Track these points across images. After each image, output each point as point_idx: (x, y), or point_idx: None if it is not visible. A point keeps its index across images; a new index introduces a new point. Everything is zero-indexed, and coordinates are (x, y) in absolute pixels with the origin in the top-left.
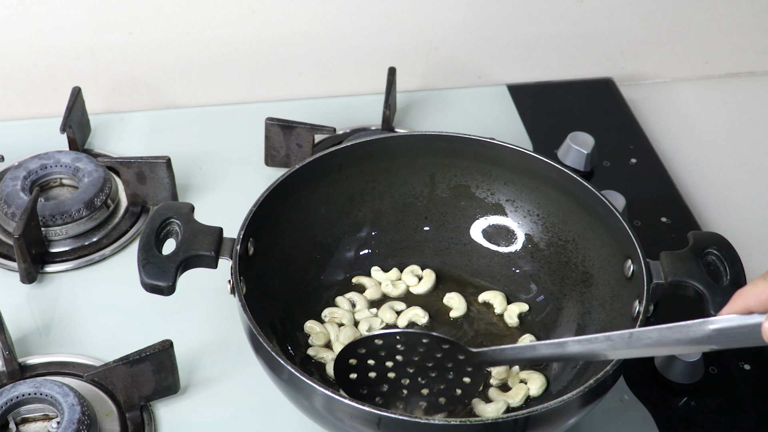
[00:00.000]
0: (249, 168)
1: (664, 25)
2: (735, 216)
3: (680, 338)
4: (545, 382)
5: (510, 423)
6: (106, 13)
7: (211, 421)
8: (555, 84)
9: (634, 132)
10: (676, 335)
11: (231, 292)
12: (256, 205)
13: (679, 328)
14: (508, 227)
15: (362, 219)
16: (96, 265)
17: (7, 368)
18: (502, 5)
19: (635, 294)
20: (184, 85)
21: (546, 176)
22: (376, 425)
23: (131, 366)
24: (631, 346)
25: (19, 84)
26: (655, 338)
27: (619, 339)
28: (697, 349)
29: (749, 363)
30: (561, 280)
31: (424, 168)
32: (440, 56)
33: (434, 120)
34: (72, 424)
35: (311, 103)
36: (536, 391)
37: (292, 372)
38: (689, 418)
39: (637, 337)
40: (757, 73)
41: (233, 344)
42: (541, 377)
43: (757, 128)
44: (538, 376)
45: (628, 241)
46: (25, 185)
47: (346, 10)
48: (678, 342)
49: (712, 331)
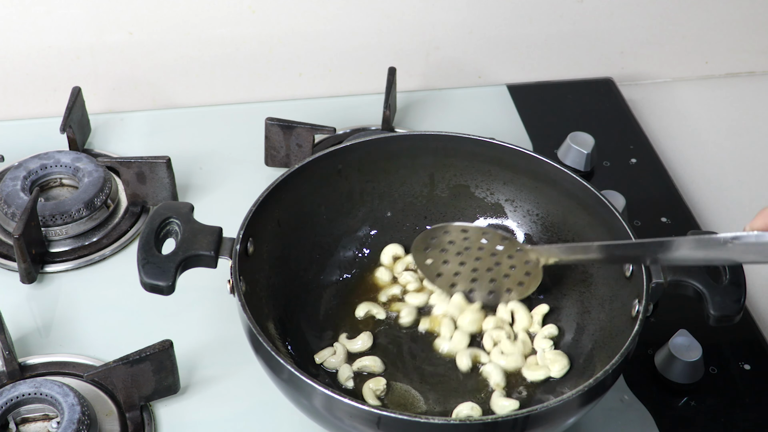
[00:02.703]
0: (249, 168)
1: (664, 25)
2: (735, 216)
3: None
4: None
5: (510, 422)
6: (106, 13)
7: (211, 421)
8: (555, 84)
9: (634, 132)
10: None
11: (231, 291)
12: (256, 204)
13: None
14: (508, 227)
15: (362, 219)
16: (96, 265)
17: (7, 368)
18: (502, 5)
19: (635, 293)
20: (184, 85)
21: (546, 176)
22: (376, 425)
23: (131, 366)
24: (663, 246)
25: (19, 84)
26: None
27: (652, 244)
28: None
29: (749, 363)
30: (560, 279)
31: (423, 168)
32: (440, 56)
33: (434, 120)
34: (72, 424)
35: (311, 103)
36: (558, 372)
37: (292, 372)
38: (689, 418)
39: (668, 244)
40: (757, 73)
41: (233, 344)
42: (565, 358)
43: (757, 128)
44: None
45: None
46: (25, 185)
47: (346, 10)
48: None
49: (731, 238)
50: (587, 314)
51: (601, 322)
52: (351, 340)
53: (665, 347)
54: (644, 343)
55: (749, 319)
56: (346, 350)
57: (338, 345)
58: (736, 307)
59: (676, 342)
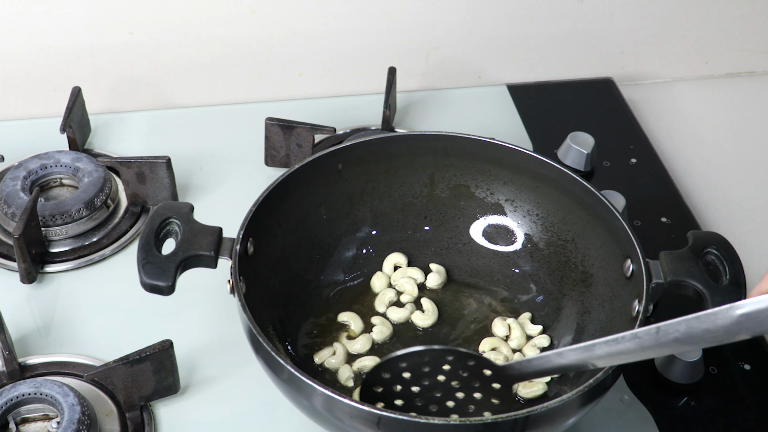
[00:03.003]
0: (249, 168)
1: (664, 25)
2: (735, 216)
3: (708, 327)
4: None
5: (510, 422)
6: (106, 13)
7: (211, 421)
8: (555, 84)
9: (634, 132)
10: (704, 325)
11: (231, 291)
12: (256, 205)
13: (706, 316)
14: (508, 227)
15: (362, 219)
16: (96, 265)
17: (7, 368)
18: (502, 5)
19: (635, 294)
20: (184, 85)
21: (546, 176)
22: (376, 425)
23: (131, 366)
24: (659, 342)
25: (19, 84)
26: (683, 330)
27: (646, 336)
28: (728, 339)
29: (749, 363)
30: (560, 279)
31: (423, 168)
32: (440, 56)
33: (434, 120)
34: (72, 424)
35: (311, 103)
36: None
37: (292, 372)
38: (689, 418)
39: (665, 332)
40: (757, 73)
41: (233, 344)
42: None
43: (757, 128)
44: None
45: (627, 240)
46: (25, 185)
47: (346, 10)
48: (707, 332)
49: (740, 317)
50: (587, 314)
51: (601, 322)
52: (351, 341)
53: None
54: None
55: None
56: (346, 351)
57: (338, 345)
58: None
59: None
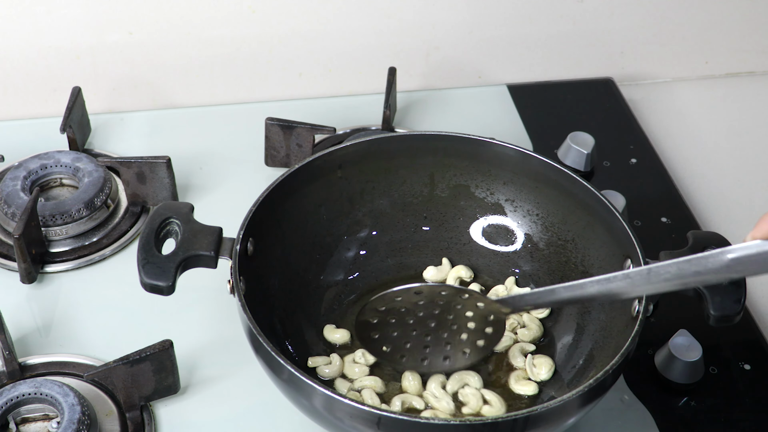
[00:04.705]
0: (249, 168)
1: (664, 25)
2: (735, 216)
3: (699, 270)
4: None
5: (510, 422)
6: (106, 13)
7: (211, 421)
8: (555, 84)
9: (634, 132)
10: (695, 267)
11: (231, 291)
12: (256, 205)
13: (697, 260)
14: (508, 227)
15: (362, 219)
16: (96, 265)
17: (7, 368)
18: (502, 5)
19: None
20: (184, 85)
21: (546, 176)
22: (375, 425)
23: (131, 366)
24: (650, 282)
25: (19, 84)
26: (674, 272)
27: (637, 276)
28: (715, 280)
29: (749, 363)
30: (560, 279)
31: (423, 168)
32: (440, 56)
33: (434, 120)
34: (72, 424)
35: (311, 103)
36: (547, 374)
37: (292, 372)
38: (689, 418)
39: (656, 273)
40: (757, 73)
41: (233, 344)
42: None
43: (757, 128)
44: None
45: (627, 240)
46: (25, 185)
47: (346, 10)
48: (697, 274)
49: (731, 260)
50: (587, 314)
51: (601, 322)
52: (349, 356)
53: (665, 347)
54: (644, 343)
55: (749, 319)
56: (342, 366)
57: (335, 356)
58: (736, 308)
59: (676, 342)
